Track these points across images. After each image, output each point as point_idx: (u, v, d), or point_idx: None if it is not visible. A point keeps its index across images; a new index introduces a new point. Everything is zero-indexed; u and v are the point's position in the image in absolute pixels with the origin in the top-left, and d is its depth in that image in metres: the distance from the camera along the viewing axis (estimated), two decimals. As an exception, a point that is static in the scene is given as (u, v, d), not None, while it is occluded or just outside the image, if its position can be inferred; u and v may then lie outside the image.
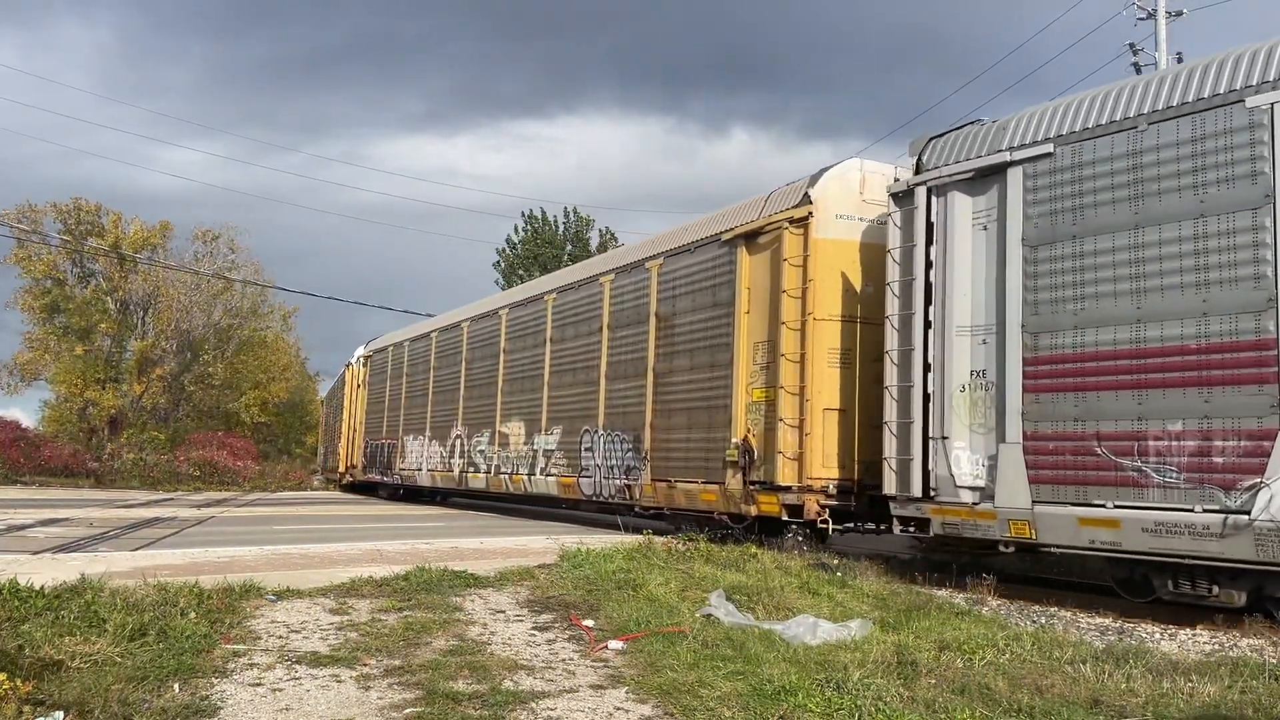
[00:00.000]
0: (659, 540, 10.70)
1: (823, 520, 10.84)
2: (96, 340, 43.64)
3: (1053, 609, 8.45)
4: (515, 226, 46.33)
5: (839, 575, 8.95)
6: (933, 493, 9.17)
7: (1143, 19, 24.37)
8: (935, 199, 9.50)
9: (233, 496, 26.16)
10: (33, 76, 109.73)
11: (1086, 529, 8.00)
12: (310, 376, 59.71)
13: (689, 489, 12.90)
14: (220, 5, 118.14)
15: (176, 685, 4.83)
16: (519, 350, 18.67)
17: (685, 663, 5.61)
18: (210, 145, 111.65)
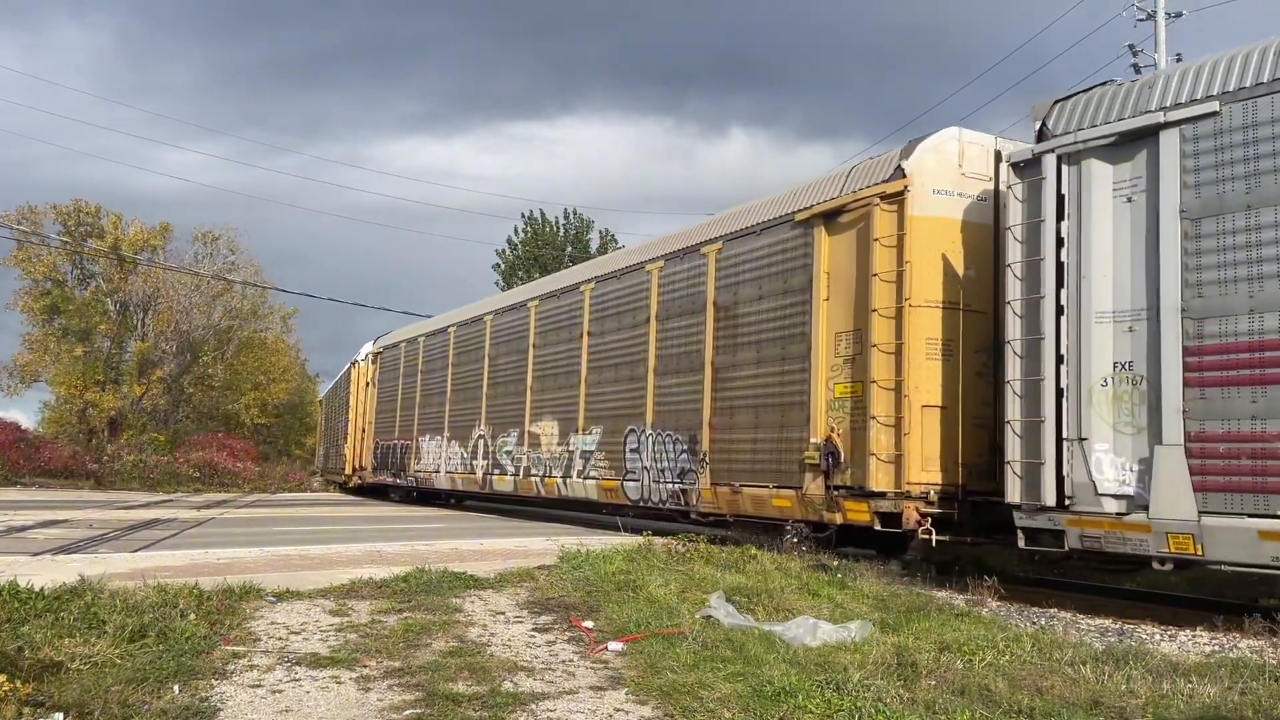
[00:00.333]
0: (659, 541, 10.70)
1: (925, 530, 9.68)
2: (96, 342, 43.69)
3: (1052, 610, 8.45)
4: (515, 228, 46.40)
5: (839, 576, 8.95)
6: (1068, 501, 8.14)
7: (1142, 20, 24.43)
8: (1067, 168, 8.46)
9: (232, 498, 26.16)
10: (32, 78, 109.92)
11: (1269, 544, 6.97)
12: (310, 378, 59.85)
13: (757, 494, 11.80)
14: (218, 6, 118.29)
15: (176, 687, 4.84)
16: (551, 345, 17.60)
17: (685, 664, 5.61)
18: (209, 146, 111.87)
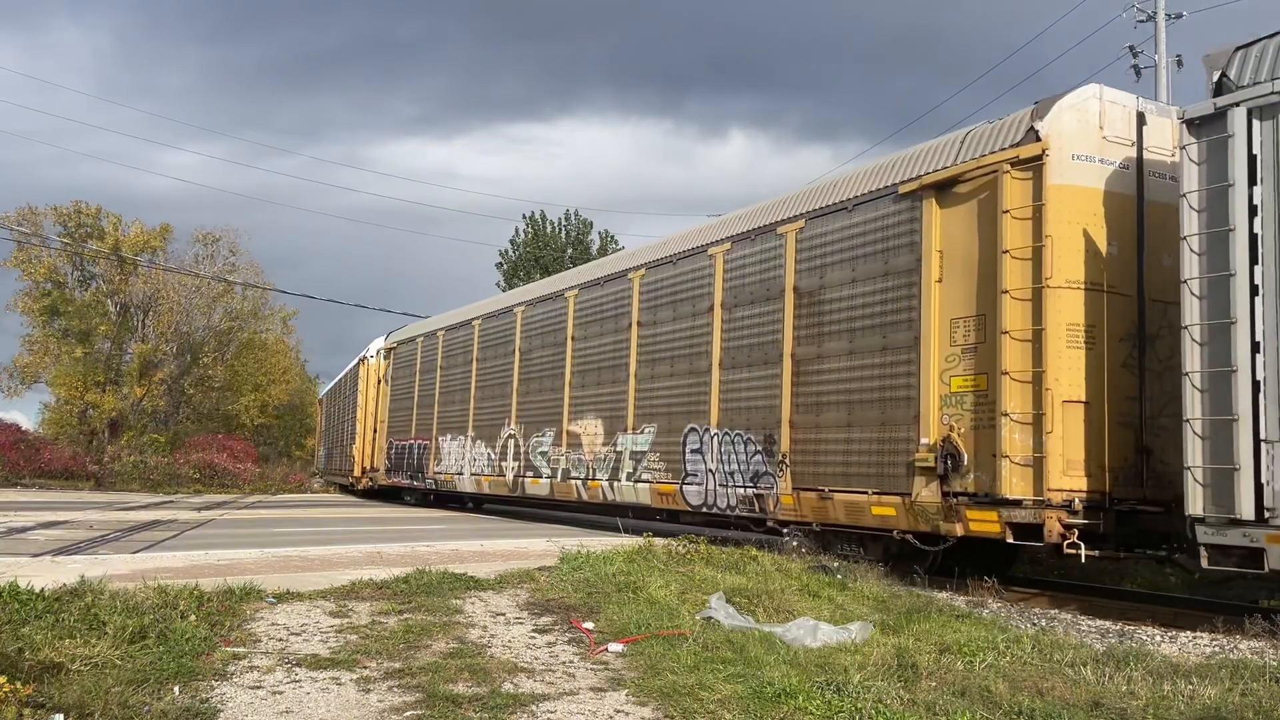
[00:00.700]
0: (659, 543, 10.70)
1: (1071, 544, 8.53)
2: (96, 343, 43.68)
3: (1053, 611, 8.46)
4: (517, 229, 46.42)
5: (839, 578, 8.94)
6: (1268, 514, 7.15)
7: (1142, 21, 24.41)
8: (1259, 124, 7.37)
9: (232, 499, 26.15)
10: (32, 79, 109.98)
11: None
12: (310, 379, 59.92)
13: (852, 501, 10.59)
14: (216, 8, 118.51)
15: (176, 688, 4.84)
16: (594, 337, 16.42)
17: (685, 665, 5.62)
18: (209, 148, 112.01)
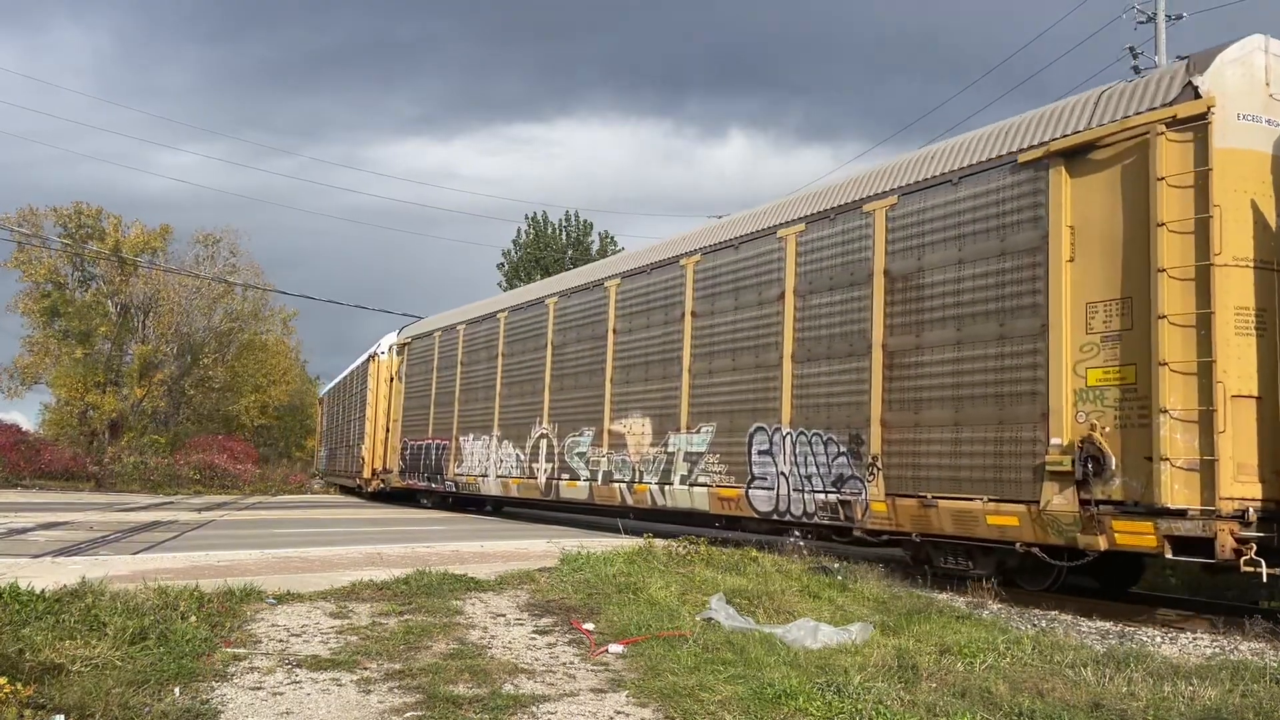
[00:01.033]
0: (659, 543, 10.69)
1: (1249, 561, 7.52)
2: (96, 344, 43.72)
3: (1053, 612, 8.45)
4: (519, 229, 46.46)
5: (840, 579, 8.94)
6: None
7: (1142, 23, 24.44)
8: None
9: (233, 500, 26.15)
10: (32, 80, 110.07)
11: None
12: (310, 380, 59.96)
13: (962, 509, 9.45)
14: (216, 9, 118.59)
15: (177, 689, 4.84)
16: (639, 329, 15.36)
17: (686, 666, 5.61)
18: (208, 148, 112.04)
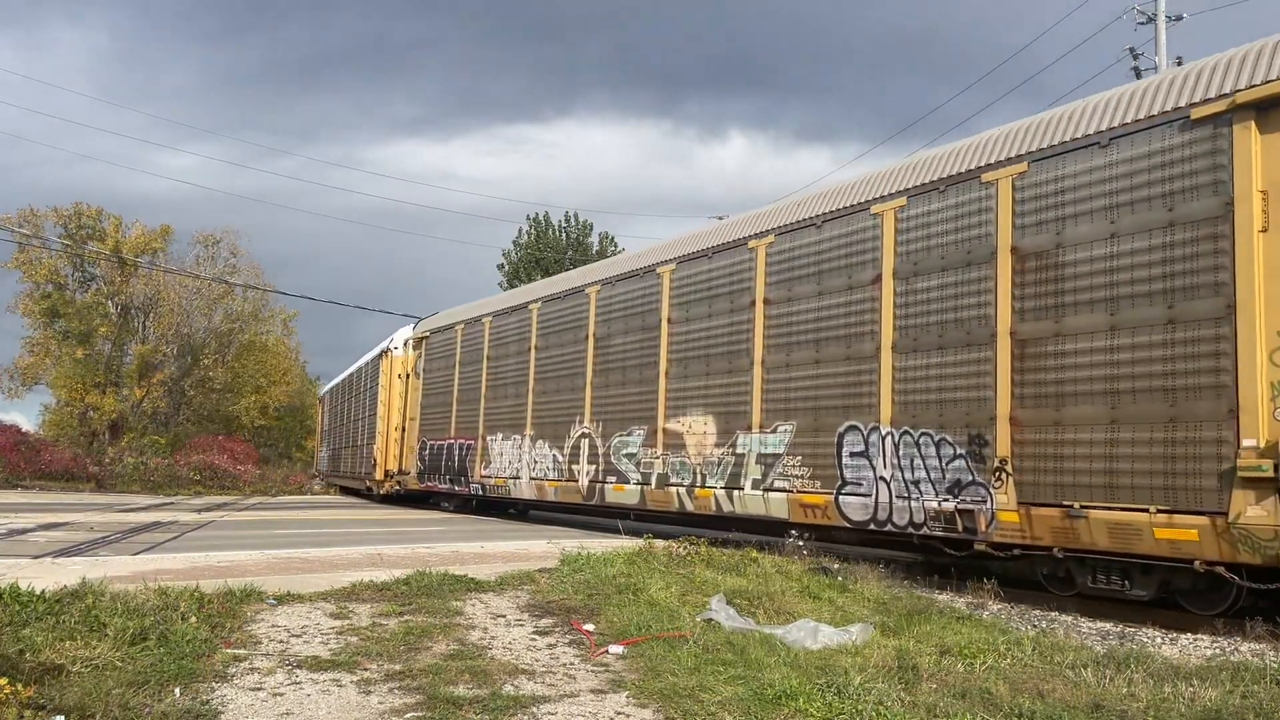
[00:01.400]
0: (659, 544, 10.69)
1: None
2: (97, 344, 43.74)
3: (1053, 613, 8.45)
4: (520, 230, 46.54)
5: (840, 580, 8.94)
6: None
7: (1142, 24, 24.48)
8: None
9: (233, 500, 26.15)
10: (31, 81, 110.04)
11: None
12: (310, 380, 59.96)
13: (1121, 520, 8.28)
14: (215, 9, 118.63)
15: (177, 690, 4.84)
16: (697, 319, 14.21)
17: (686, 667, 5.61)
18: (208, 149, 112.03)
